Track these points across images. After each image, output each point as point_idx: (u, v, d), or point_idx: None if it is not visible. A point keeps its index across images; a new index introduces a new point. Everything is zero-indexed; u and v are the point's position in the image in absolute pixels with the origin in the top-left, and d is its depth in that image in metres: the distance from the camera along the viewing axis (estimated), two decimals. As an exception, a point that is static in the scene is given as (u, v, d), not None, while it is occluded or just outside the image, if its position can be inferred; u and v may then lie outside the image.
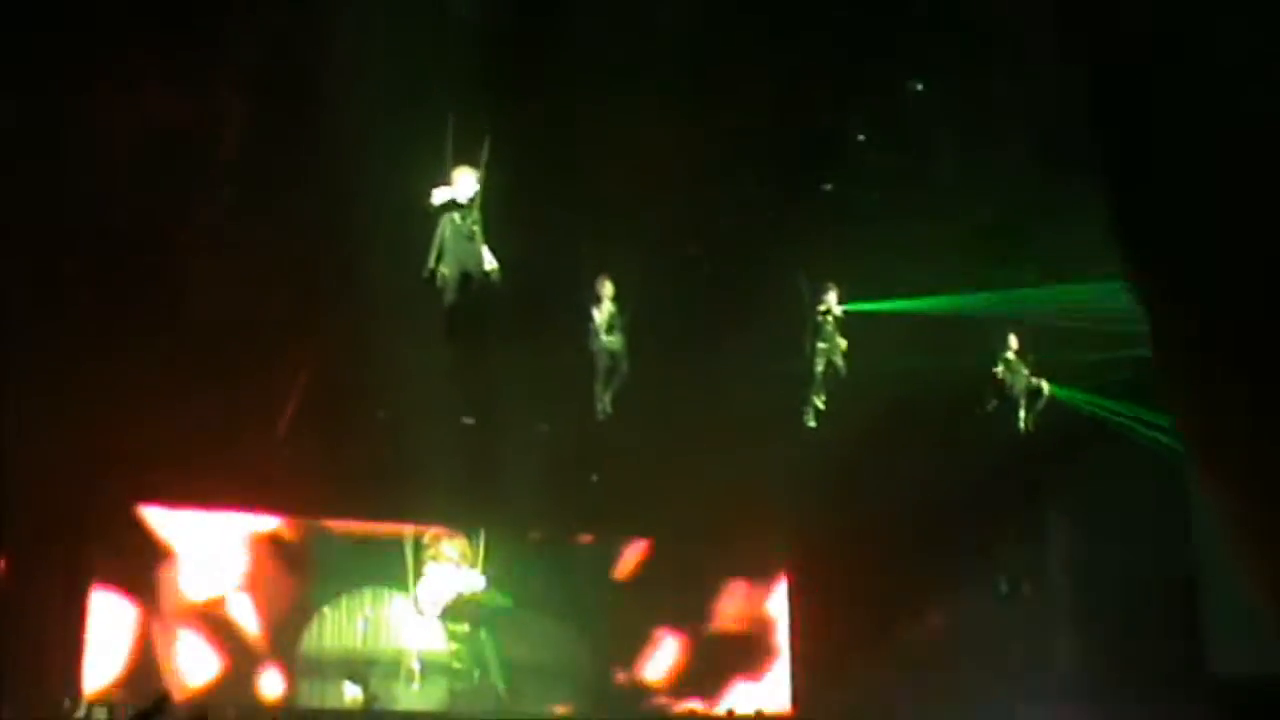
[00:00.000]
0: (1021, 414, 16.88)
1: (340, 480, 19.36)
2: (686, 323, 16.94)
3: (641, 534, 22.10)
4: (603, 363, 15.42)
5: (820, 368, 15.99)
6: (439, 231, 12.16)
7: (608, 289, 15.28)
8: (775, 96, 13.17)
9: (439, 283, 12.20)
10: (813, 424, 16.19)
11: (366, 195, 13.60)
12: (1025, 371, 16.82)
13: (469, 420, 18.89)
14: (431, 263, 12.18)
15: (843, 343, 15.88)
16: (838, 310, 15.78)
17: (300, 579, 20.39)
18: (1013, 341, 16.79)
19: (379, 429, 18.73)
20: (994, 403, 16.94)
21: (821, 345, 15.85)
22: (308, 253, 14.90)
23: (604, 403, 15.52)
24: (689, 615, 22.12)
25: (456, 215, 12.09)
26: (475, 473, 18.83)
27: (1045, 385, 16.87)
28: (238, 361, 16.61)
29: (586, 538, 22.09)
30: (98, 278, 14.83)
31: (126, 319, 15.35)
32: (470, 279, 12.19)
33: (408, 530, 20.84)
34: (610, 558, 22.12)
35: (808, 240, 15.39)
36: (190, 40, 11.69)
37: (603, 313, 15.29)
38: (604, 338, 15.33)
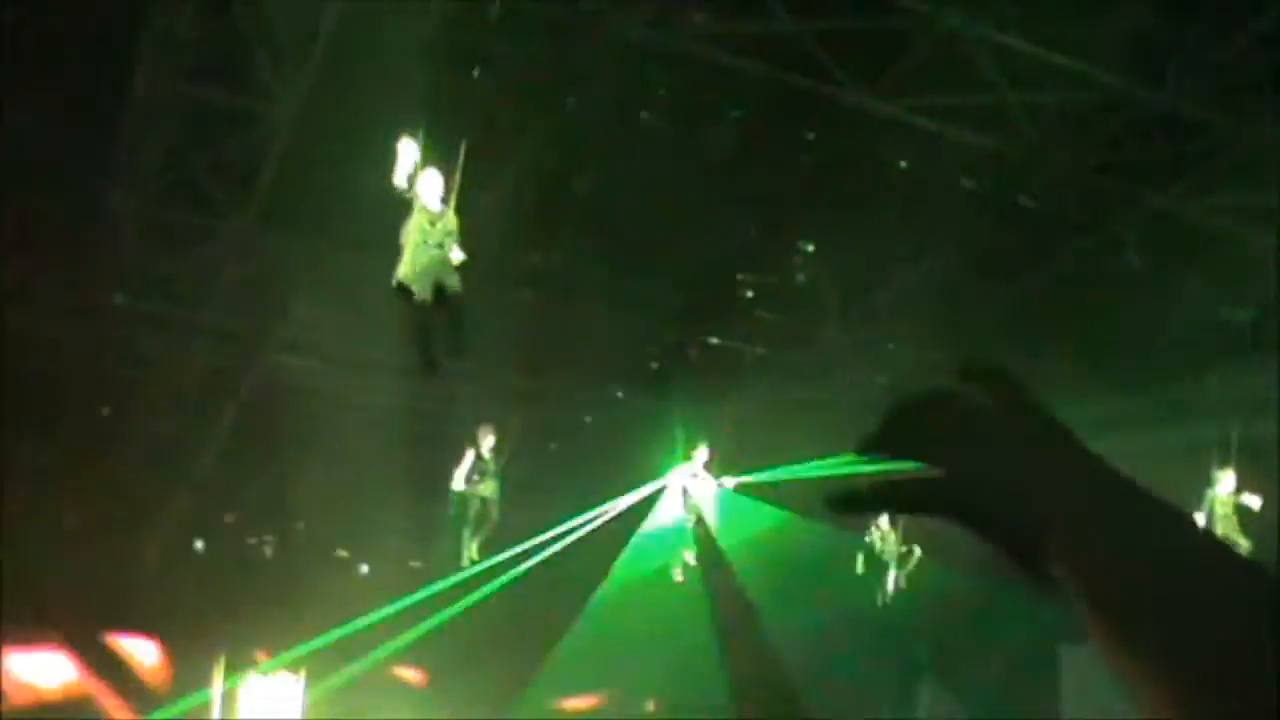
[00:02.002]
0: (891, 576, 16.95)
1: (207, 607, 18.96)
2: (562, 477, 16.96)
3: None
4: (474, 508, 15.03)
5: (692, 522, 15.89)
6: (407, 238, 10.69)
7: (489, 439, 14.97)
8: (666, 250, 13.35)
9: (412, 298, 10.76)
10: (680, 579, 16.13)
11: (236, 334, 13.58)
12: (895, 537, 16.88)
13: (342, 553, 18.71)
14: (400, 273, 10.71)
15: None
16: (705, 477, 15.82)
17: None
18: (883, 523, 16.91)
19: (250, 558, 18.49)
20: (864, 568, 17.06)
21: (692, 502, 15.82)
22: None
23: (471, 549, 15.11)
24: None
25: (426, 223, 10.65)
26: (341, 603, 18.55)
27: (916, 549, 16.97)
28: (110, 476, 16.31)
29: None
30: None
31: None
32: (443, 293, 10.79)
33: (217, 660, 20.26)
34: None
35: (691, 393, 15.46)
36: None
37: (479, 459, 14.94)
38: (478, 484, 14.96)
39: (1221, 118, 11.16)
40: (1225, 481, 15.00)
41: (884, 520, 16.88)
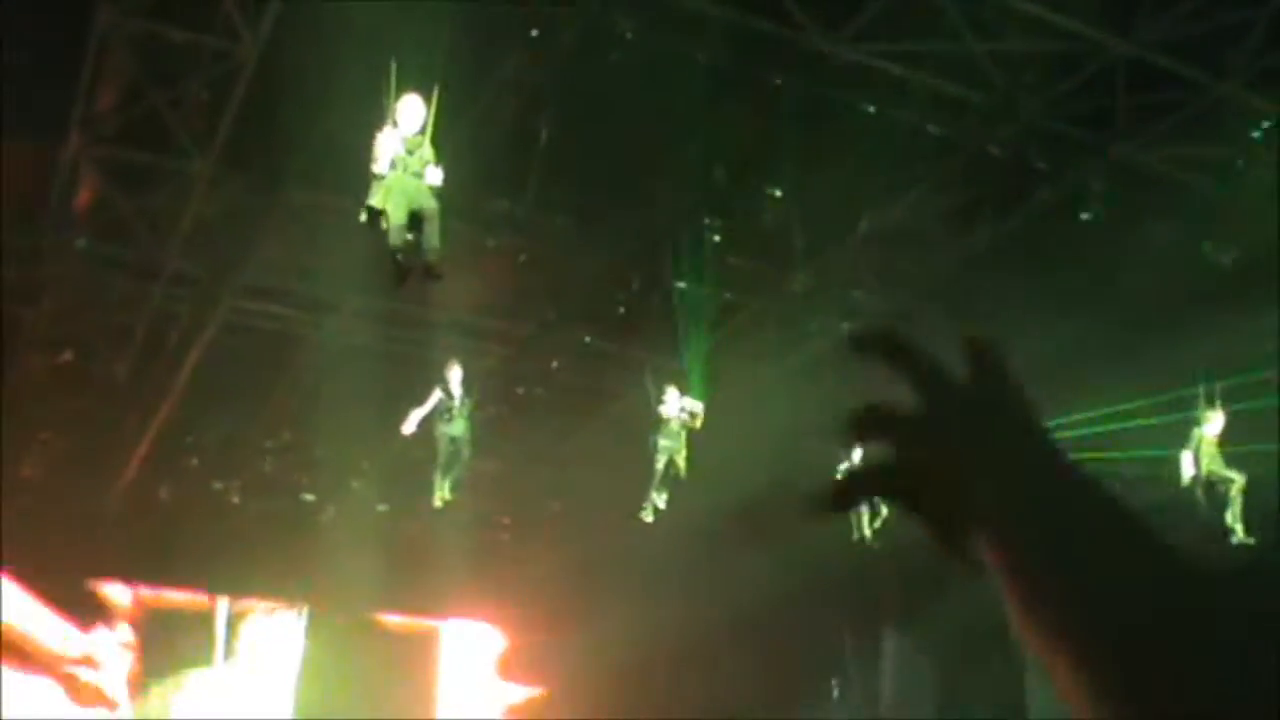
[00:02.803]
0: (864, 525, 16.86)
1: (173, 550, 18.98)
2: (535, 414, 16.99)
3: (476, 619, 21.99)
4: (444, 449, 14.93)
5: (661, 465, 15.81)
6: (382, 178, 10.68)
7: (456, 375, 14.89)
8: (633, 195, 13.31)
9: (381, 224, 10.66)
10: (650, 519, 16.04)
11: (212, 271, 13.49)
12: None
13: (308, 496, 18.71)
14: (372, 200, 10.63)
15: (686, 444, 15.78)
16: (681, 413, 15.67)
17: (131, 647, 19.95)
18: (855, 454, 16.66)
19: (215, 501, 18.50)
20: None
21: (665, 444, 15.76)
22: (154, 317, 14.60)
23: (443, 489, 15.04)
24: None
25: (404, 151, 10.69)
26: (308, 548, 18.62)
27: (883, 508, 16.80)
28: (71, 421, 16.24)
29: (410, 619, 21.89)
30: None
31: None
32: (420, 220, 10.77)
33: (219, 603, 20.45)
34: (435, 640, 22.04)
35: (658, 338, 15.41)
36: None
37: (449, 399, 14.82)
38: (448, 424, 14.86)
39: (1186, 68, 11.17)
40: (1214, 423, 15.03)
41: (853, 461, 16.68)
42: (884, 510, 16.89)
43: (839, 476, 1.12)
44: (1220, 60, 11.07)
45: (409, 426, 14.83)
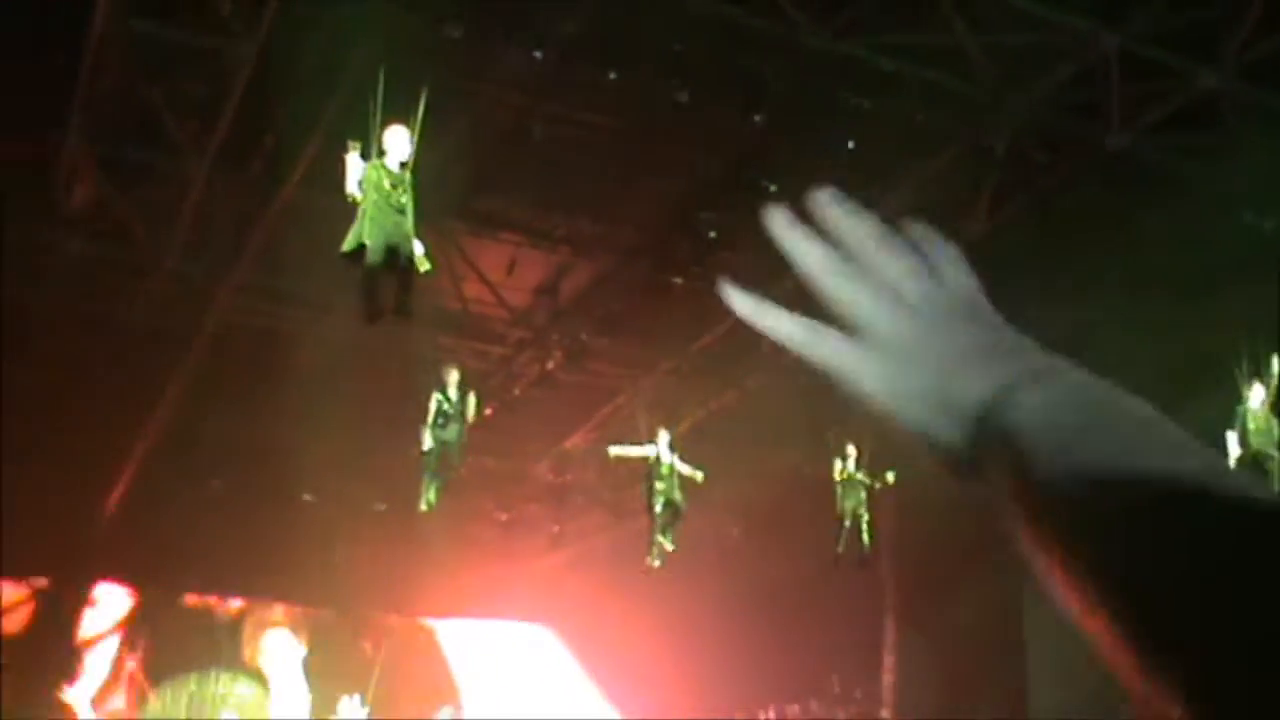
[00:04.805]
0: (844, 532, 16.55)
1: (173, 551, 19.01)
2: (532, 413, 17.04)
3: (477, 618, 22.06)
4: (435, 452, 14.53)
5: (659, 508, 15.63)
6: (362, 206, 10.70)
7: (454, 377, 14.60)
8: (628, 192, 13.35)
9: (366, 258, 10.69)
10: (657, 564, 15.88)
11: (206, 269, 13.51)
12: (861, 484, 16.45)
13: (308, 497, 18.76)
14: (354, 237, 10.67)
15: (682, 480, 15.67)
16: (669, 458, 15.60)
17: (133, 650, 20.01)
18: (850, 450, 16.37)
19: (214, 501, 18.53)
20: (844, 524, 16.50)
21: (659, 486, 15.58)
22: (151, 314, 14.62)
23: (429, 494, 14.56)
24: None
25: (387, 183, 10.64)
26: (309, 549, 18.65)
27: (865, 520, 16.48)
28: (65, 425, 16.25)
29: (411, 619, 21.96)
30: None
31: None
32: (397, 255, 10.73)
33: (231, 605, 20.55)
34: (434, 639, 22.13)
35: (655, 336, 15.38)
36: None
37: (444, 402, 14.48)
38: (442, 429, 14.46)
39: (1178, 59, 11.20)
40: (1255, 394, 14.54)
41: (851, 449, 16.34)
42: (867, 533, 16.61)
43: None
44: (1212, 50, 11.08)
45: (426, 441, 14.50)
